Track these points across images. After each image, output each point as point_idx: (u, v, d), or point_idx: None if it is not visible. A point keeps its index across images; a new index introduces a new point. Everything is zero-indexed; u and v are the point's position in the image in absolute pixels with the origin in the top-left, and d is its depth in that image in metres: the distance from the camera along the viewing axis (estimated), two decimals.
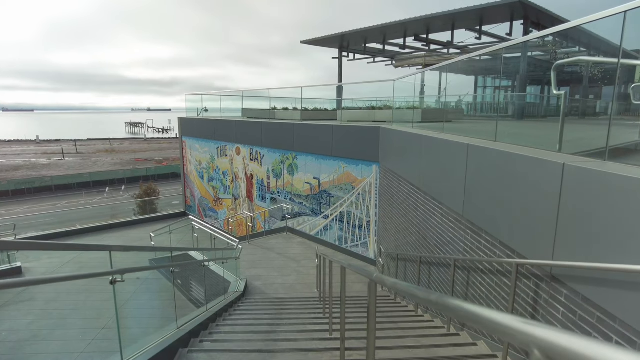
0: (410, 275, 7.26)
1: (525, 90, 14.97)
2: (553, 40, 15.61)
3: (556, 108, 6.21)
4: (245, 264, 10.45)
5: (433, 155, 5.93)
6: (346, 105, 15.02)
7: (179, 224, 12.66)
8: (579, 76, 6.56)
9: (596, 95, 7.34)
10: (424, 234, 6.40)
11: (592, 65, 5.19)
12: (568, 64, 4.95)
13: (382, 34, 21.59)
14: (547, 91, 16.09)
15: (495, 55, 6.36)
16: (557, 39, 14.50)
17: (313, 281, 9.34)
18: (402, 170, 7.77)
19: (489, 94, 16.91)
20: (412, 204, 7.01)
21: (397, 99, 10.69)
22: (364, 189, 10.50)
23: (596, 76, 5.27)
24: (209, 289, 9.56)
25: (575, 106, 7.43)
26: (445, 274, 5.47)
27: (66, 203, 37.65)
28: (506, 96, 14.25)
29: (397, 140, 8.14)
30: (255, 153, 14.47)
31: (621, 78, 3.28)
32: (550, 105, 9.94)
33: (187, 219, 12.01)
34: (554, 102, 8.73)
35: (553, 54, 15.53)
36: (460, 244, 4.99)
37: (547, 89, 16.59)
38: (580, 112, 7.72)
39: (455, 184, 5.01)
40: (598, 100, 7.37)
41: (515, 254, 3.67)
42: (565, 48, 11.89)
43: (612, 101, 3.35)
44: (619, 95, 3.42)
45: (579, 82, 7.18)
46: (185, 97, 19.67)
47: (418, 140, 6.62)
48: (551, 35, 14.81)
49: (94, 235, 17.34)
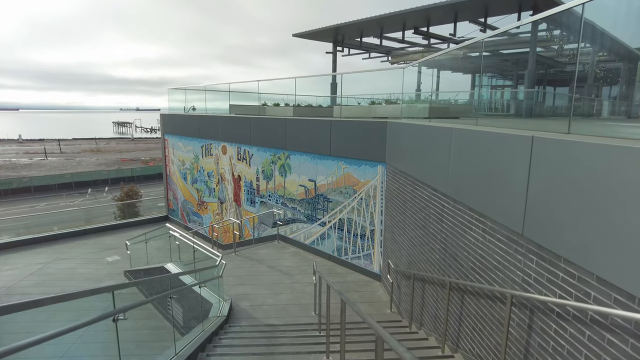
0: (431, 300, 5.92)
1: (534, 86, 13.82)
2: (560, 34, 14.20)
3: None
4: (231, 280, 9.04)
5: (471, 154, 4.60)
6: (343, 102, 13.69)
7: (155, 232, 11.20)
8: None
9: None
10: (453, 252, 5.07)
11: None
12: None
13: (379, 27, 20.30)
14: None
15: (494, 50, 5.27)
16: (564, 32, 13.13)
17: (309, 301, 7.97)
18: (418, 171, 6.44)
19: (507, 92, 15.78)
20: (435, 213, 5.68)
21: (405, 92, 9.38)
22: (367, 193, 9.16)
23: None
24: (186, 313, 8.13)
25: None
26: (491, 309, 4.14)
27: (45, 205, 35.71)
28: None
29: (412, 135, 6.81)
30: (244, 152, 13.04)
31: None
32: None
33: (164, 226, 10.55)
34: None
35: (560, 50, 14.16)
36: (515, 273, 3.67)
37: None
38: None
39: (510, 192, 3.69)
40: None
41: (636, 302, 2.36)
42: (573, 43, 10.70)
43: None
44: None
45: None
46: (168, 92, 18.17)
47: (445, 134, 5.30)
48: (559, 29, 13.40)
49: (68, 242, 15.78)
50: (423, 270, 6.20)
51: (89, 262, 13.66)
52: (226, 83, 14.26)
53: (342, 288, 8.71)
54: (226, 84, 14.25)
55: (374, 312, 7.73)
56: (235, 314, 7.57)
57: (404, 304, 7.24)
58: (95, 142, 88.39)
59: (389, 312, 7.75)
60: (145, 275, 11.08)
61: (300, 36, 22.95)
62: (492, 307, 4.12)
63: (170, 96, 18.61)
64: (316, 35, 22.09)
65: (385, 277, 8.59)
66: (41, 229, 20.29)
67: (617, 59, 10.24)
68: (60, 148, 74.63)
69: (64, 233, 16.28)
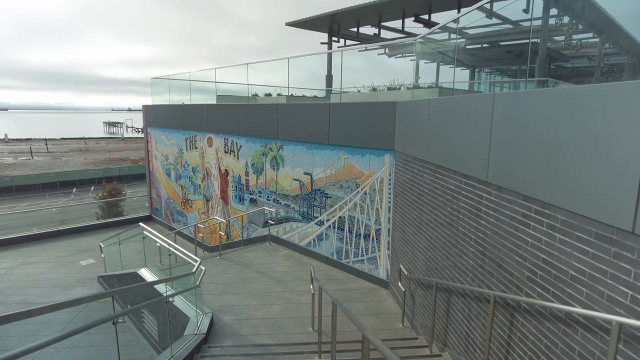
0: (460, 316, 4.70)
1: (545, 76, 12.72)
2: (569, 22, 13.03)
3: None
4: (213, 289, 7.77)
5: (525, 125, 3.38)
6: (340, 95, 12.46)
7: (129, 233, 9.88)
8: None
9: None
10: (497, 256, 3.85)
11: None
12: None
13: (378, 14, 19.12)
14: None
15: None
16: (573, 21, 12.03)
17: (305, 314, 6.72)
18: (442, 156, 5.22)
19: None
20: (467, 206, 4.46)
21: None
22: (372, 187, 7.93)
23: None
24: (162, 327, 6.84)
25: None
26: (570, 340, 2.92)
27: (26, 205, 34.04)
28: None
29: (434, 113, 5.57)
30: (231, 144, 11.75)
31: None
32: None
33: (137, 226, 9.25)
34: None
35: (568, 40, 12.94)
36: (616, 289, 2.46)
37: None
38: None
39: (610, 171, 2.48)
40: None
41: None
42: (582, 33, 9.87)
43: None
44: None
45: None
46: (152, 83, 16.81)
47: (484, 104, 4.08)
48: (566, 16, 12.26)
49: (40, 244, 14.39)
50: (448, 278, 4.98)
51: (60, 267, 12.29)
52: (212, 68, 12.98)
53: (344, 297, 7.47)
54: (212, 69, 12.95)
55: (383, 326, 6.50)
56: (217, 331, 6.29)
57: (420, 317, 6.01)
58: (84, 142, 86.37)
59: (400, 326, 6.52)
60: (118, 282, 9.76)
61: (294, 25, 21.71)
62: (570, 336, 2.90)
63: (154, 88, 17.25)
64: (311, 23, 20.87)
65: (394, 284, 7.36)
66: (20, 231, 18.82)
67: (622, 52, 9.81)
68: (47, 147, 72.63)
69: (35, 234, 14.88)
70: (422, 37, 7.83)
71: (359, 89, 12.81)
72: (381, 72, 27.07)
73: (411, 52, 19.13)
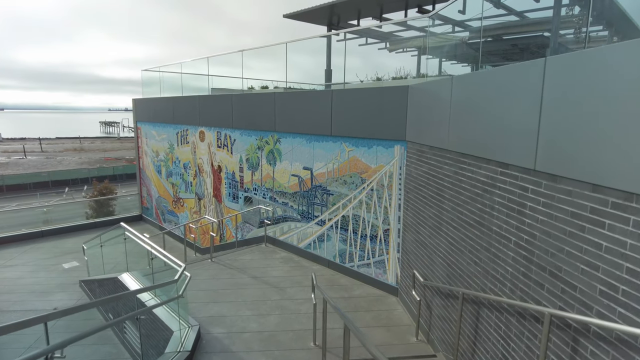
0: (495, 334, 3.88)
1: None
2: (580, 13, 12.24)
3: None
4: (202, 297, 6.94)
5: (608, 93, 2.56)
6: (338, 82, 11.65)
7: (112, 233, 9.05)
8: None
9: None
10: (552, 264, 3.04)
11: None
12: None
13: (379, 5, 18.37)
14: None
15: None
16: (584, 12, 11.29)
17: (306, 326, 5.90)
18: (469, 143, 4.41)
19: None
20: (505, 202, 3.66)
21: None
22: (380, 182, 7.12)
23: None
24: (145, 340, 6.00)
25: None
26: None
27: (16, 205, 33.06)
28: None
29: (460, 92, 4.74)
30: (224, 137, 10.91)
31: None
32: None
33: (118, 227, 8.42)
34: None
35: (577, 32, 12.14)
36: None
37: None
38: None
39: None
40: None
41: None
42: (592, 26, 9.14)
43: None
44: None
45: None
46: (142, 75, 15.95)
47: (529, 76, 3.27)
48: (579, 6, 11.44)
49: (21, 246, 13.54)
50: (477, 287, 4.17)
51: (41, 270, 11.43)
52: (205, 57, 12.14)
53: (349, 306, 6.66)
54: (205, 58, 12.11)
55: (394, 340, 5.68)
56: (205, 347, 5.47)
57: (440, 331, 5.20)
58: (80, 141, 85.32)
59: (414, 340, 5.71)
60: (100, 287, 8.92)
61: (292, 17, 20.88)
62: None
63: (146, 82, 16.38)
64: (309, 15, 20.05)
65: (406, 292, 6.55)
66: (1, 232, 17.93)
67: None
68: (41, 147, 71.58)
69: (17, 235, 14.02)
70: (435, 14, 7.00)
71: (362, 79, 11.99)
72: (381, 70, 26.31)
73: (412, 47, 18.28)
